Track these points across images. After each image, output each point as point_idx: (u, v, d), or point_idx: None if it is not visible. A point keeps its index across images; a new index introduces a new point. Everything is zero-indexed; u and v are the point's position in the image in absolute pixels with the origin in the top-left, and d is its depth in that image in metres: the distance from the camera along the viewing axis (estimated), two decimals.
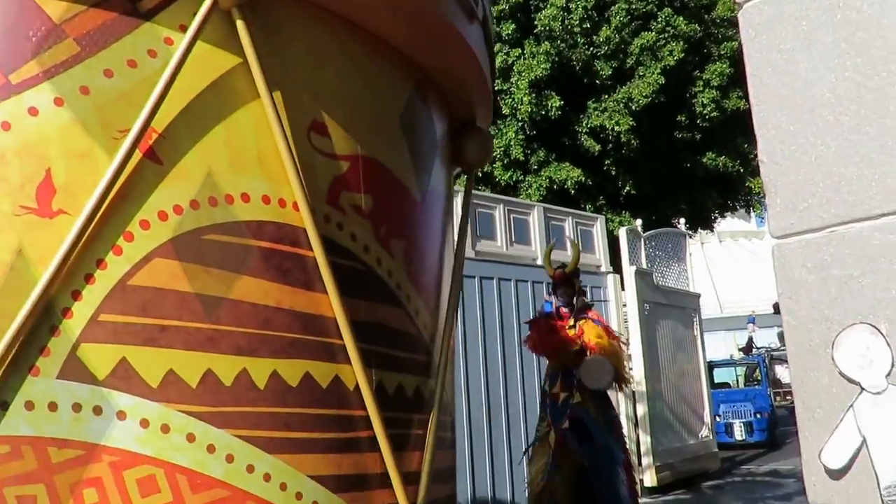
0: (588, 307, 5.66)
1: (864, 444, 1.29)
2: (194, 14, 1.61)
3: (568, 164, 12.91)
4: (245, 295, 1.64)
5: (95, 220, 1.51)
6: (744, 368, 18.18)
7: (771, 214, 1.48)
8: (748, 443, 14.37)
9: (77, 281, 1.50)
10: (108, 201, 1.52)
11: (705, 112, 13.32)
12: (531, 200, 10.69)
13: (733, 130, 13.77)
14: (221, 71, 1.68)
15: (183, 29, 1.61)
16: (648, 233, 11.06)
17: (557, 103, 12.63)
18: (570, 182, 12.56)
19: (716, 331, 21.37)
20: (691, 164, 14.11)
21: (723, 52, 13.76)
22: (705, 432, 11.23)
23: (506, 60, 12.89)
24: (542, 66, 12.50)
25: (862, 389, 1.31)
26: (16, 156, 1.49)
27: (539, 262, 8.95)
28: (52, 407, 1.45)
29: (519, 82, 12.68)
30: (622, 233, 10.15)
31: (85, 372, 1.48)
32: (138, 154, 1.56)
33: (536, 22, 12.80)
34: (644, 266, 10.23)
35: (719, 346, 21.16)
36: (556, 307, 5.68)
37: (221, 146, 1.68)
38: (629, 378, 5.67)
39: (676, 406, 10.46)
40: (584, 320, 5.42)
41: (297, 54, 1.82)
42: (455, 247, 2.52)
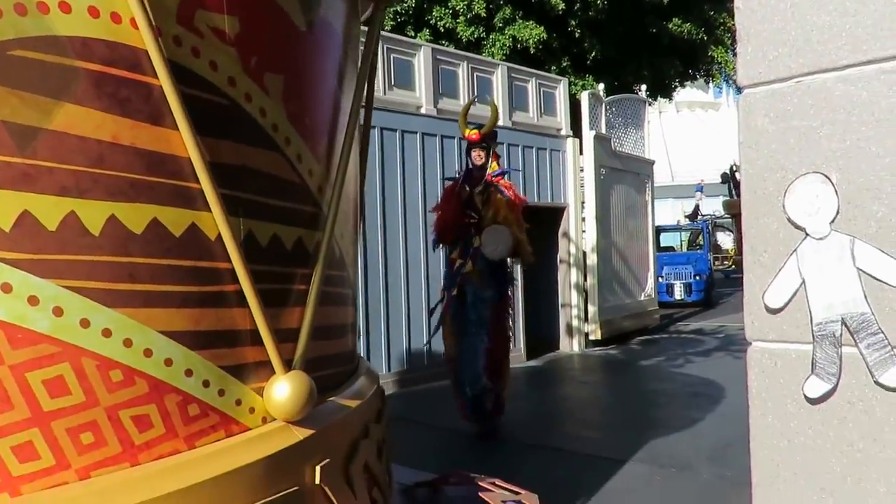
0: (501, 174, 5.52)
1: (803, 286, 1.38)
2: None
3: (532, 23, 12.44)
4: (70, 126, 1.40)
5: None
6: (688, 234, 18.94)
7: (740, 63, 1.47)
8: (686, 302, 15.31)
9: None
10: None
11: None
12: (494, 59, 10.36)
13: None
14: None
15: None
16: (610, 98, 10.97)
17: None
18: (534, 40, 12.16)
19: (665, 198, 21.97)
20: (657, 30, 13.83)
21: None
22: (648, 291, 11.86)
23: None
24: None
25: (806, 235, 1.39)
26: None
27: (501, 123, 8.86)
28: None
29: None
30: (584, 97, 10.04)
31: None
32: None
33: None
34: (603, 131, 10.25)
35: (668, 213, 21.86)
36: (468, 169, 5.51)
37: None
38: (529, 256, 5.54)
39: (624, 267, 10.94)
40: (494, 190, 5.31)
41: None
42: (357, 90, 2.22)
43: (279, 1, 1.78)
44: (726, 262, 24.41)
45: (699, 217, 20.63)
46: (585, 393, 7.55)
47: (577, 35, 13.06)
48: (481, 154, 5.41)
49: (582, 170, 9.92)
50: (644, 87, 13.88)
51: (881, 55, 1.31)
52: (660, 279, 13.89)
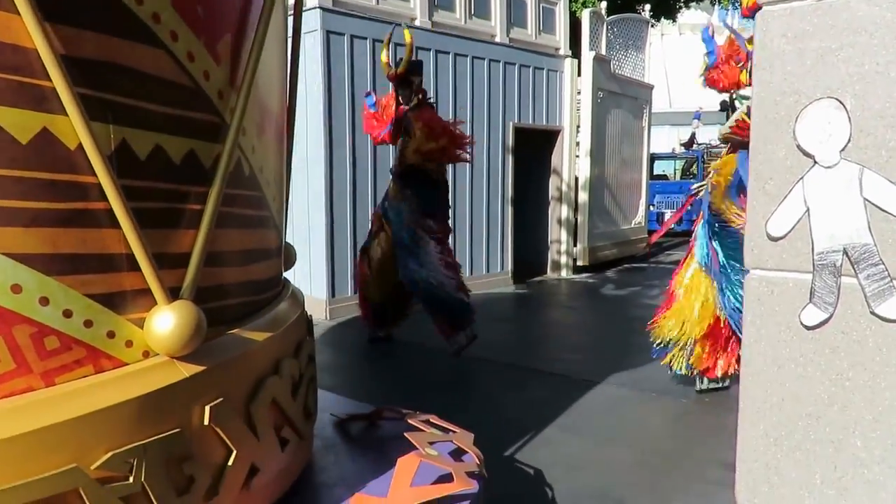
0: (422, 104, 5.53)
1: (807, 214, 1.36)
2: None
3: None
4: None
5: None
6: (682, 162, 18.80)
7: None
8: (676, 231, 15.38)
9: None
10: None
11: None
12: None
13: None
14: None
15: None
16: (612, 17, 10.61)
17: None
18: None
19: (662, 125, 21.67)
20: None
21: None
22: (639, 219, 11.88)
23: None
24: None
25: (815, 163, 1.36)
26: None
27: (497, 40, 8.60)
28: None
29: None
30: (585, 15, 9.71)
31: None
32: None
33: None
34: (603, 52, 9.97)
35: (663, 140, 21.61)
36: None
37: None
38: (463, 156, 5.62)
39: (616, 193, 10.90)
40: (409, 114, 5.39)
41: None
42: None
43: None
44: None
45: (695, 145, 20.44)
46: (568, 318, 7.66)
47: None
48: (405, 92, 5.48)
49: (579, 92, 9.71)
50: (647, 7, 13.44)
51: None
52: (651, 207, 13.89)
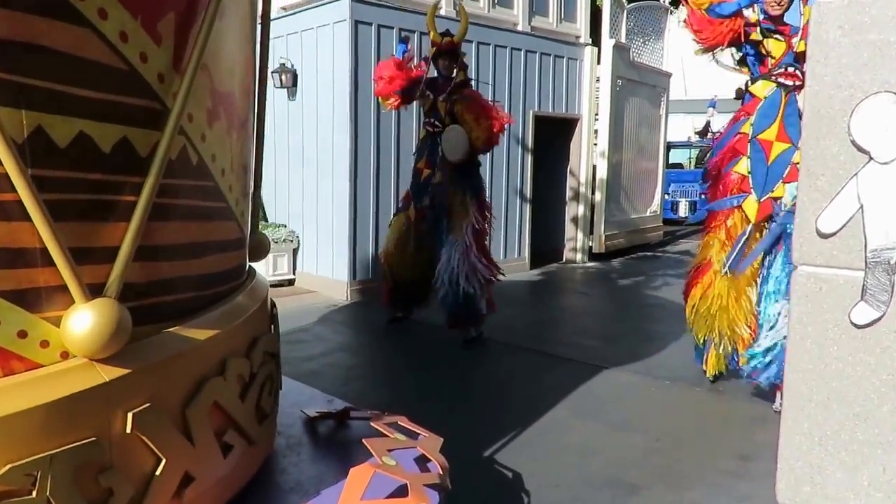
0: (467, 83, 5.35)
1: (861, 211, 1.34)
2: None
3: None
4: None
5: None
6: (697, 151, 18.63)
7: None
8: (690, 221, 15.28)
9: None
10: None
11: None
12: None
13: None
14: None
15: None
16: (632, 4, 10.50)
17: None
18: None
19: (677, 113, 21.48)
20: None
21: None
22: (654, 208, 11.80)
23: None
24: None
25: (870, 159, 1.33)
26: None
27: (520, 28, 8.52)
28: None
29: None
30: (606, 2, 9.61)
31: None
32: None
33: None
34: (623, 40, 9.87)
35: (679, 128, 21.41)
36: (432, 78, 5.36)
37: None
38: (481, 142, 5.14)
39: (632, 181, 10.83)
40: (458, 100, 5.12)
41: None
42: None
43: None
44: None
45: (709, 134, 20.24)
46: (583, 303, 7.64)
47: None
48: (448, 64, 5.24)
49: (598, 80, 9.63)
50: None
51: None
52: (665, 196, 13.79)
